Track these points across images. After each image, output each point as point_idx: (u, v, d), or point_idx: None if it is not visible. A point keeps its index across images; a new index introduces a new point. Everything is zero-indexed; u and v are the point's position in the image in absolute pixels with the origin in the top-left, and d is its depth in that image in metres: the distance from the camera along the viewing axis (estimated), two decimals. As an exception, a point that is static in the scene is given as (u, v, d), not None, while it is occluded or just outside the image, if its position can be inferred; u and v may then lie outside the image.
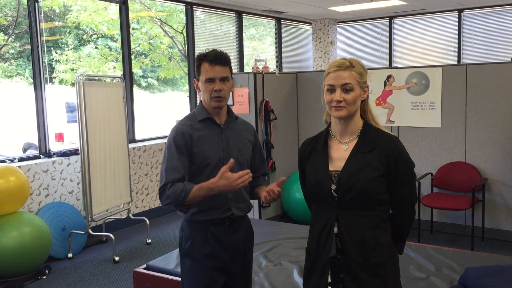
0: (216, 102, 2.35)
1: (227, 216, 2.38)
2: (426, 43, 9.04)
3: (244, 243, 2.47)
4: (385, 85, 5.54)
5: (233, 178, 2.21)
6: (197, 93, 6.59)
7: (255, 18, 8.61)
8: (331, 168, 1.96)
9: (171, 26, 8.07)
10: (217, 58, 2.32)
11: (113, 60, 7.47)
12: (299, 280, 3.27)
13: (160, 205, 6.44)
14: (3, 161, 4.82)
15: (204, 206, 2.35)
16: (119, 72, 6.74)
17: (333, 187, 1.93)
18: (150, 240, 5.39)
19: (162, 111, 8.46)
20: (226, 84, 2.36)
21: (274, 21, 9.00)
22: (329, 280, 1.94)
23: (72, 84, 6.27)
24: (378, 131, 1.97)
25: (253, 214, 5.66)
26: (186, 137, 2.34)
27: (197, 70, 2.39)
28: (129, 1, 6.23)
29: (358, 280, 1.89)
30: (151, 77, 8.70)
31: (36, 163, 4.96)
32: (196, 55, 7.42)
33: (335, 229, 1.93)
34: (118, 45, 6.63)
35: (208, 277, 2.38)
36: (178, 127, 2.38)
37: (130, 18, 6.31)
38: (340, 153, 1.97)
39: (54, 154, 5.26)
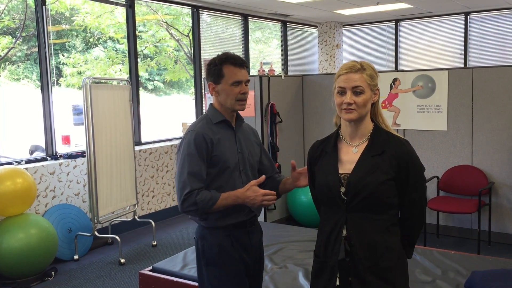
0: (240, 106, 2.35)
1: (249, 218, 2.37)
2: (432, 46, 9.02)
3: (260, 242, 2.49)
4: (391, 88, 5.54)
5: (259, 193, 2.21)
6: (204, 96, 6.61)
7: (261, 21, 8.63)
8: (340, 171, 1.95)
9: (177, 29, 8.10)
10: (242, 61, 2.32)
11: (119, 63, 7.50)
12: (304, 283, 3.26)
13: (166, 207, 6.48)
14: (10, 163, 4.85)
15: (227, 210, 2.29)
16: (125, 75, 6.77)
17: (343, 190, 1.92)
18: (155, 242, 5.41)
19: (168, 114, 8.48)
20: (248, 87, 2.39)
21: (280, 24, 9.01)
22: (337, 283, 1.93)
23: (79, 86, 6.30)
24: (388, 134, 1.97)
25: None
26: (207, 141, 2.27)
27: (216, 73, 2.30)
28: (135, 4, 6.27)
29: (366, 284, 1.88)
30: (157, 80, 8.71)
31: (42, 165, 4.98)
32: (203, 58, 7.33)
33: (344, 232, 1.92)
34: (124, 47, 6.66)
35: (242, 282, 2.35)
36: (199, 130, 2.29)
37: (136, 21, 6.35)
38: (350, 156, 1.97)
39: (60, 156, 5.28)
